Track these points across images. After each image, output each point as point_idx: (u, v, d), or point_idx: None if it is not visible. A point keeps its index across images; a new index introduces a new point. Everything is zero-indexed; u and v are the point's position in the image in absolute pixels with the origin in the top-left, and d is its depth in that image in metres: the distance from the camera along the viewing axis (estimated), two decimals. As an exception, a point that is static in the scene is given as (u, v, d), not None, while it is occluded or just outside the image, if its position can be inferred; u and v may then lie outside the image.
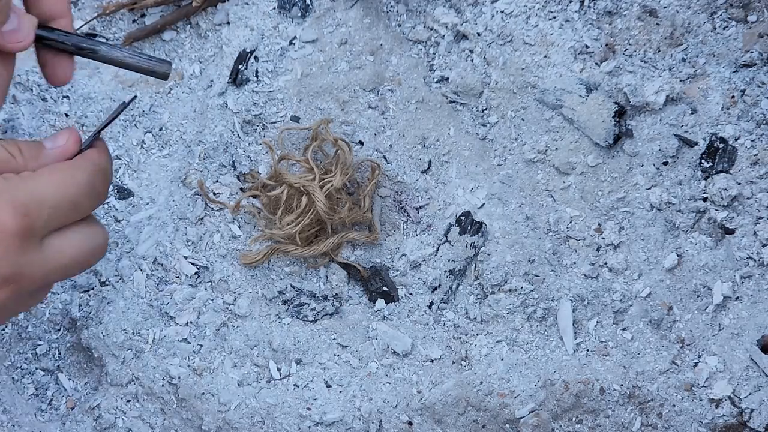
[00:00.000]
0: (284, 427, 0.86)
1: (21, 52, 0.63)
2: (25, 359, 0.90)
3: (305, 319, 0.89)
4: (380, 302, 0.89)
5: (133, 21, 0.94)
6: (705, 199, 0.88)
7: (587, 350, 0.88)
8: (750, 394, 0.86)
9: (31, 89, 0.92)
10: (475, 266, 0.89)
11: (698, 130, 0.89)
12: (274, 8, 0.92)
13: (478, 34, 0.91)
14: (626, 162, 0.89)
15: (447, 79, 0.91)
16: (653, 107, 0.89)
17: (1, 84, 0.63)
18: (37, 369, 0.90)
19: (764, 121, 0.88)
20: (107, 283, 0.90)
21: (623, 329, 0.88)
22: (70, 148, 0.63)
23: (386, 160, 0.90)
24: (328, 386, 0.87)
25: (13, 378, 0.90)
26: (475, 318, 0.88)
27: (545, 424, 0.86)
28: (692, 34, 0.90)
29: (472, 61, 0.91)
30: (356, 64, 0.91)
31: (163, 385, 0.88)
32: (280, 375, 0.88)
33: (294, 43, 0.92)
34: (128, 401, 0.88)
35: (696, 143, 0.89)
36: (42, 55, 0.65)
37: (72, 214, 0.61)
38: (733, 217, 0.88)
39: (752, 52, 0.89)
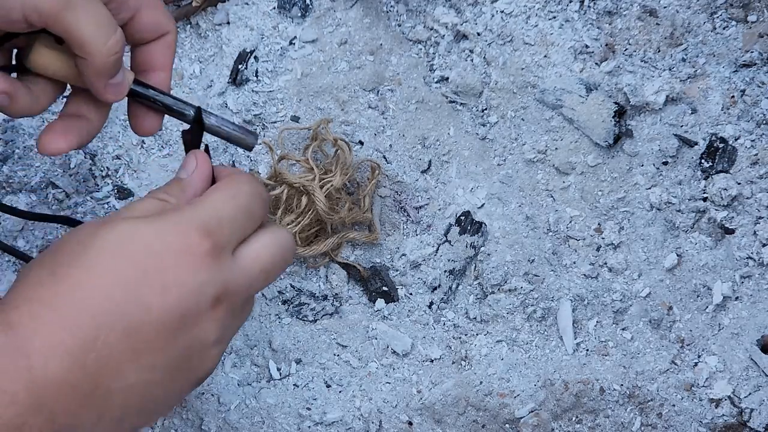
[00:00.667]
0: (284, 427, 0.86)
1: None
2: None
3: (305, 319, 0.89)
4: (380, 302, 0.89)
5: (133, 21, 0.94)
6: (705, 199, 0.88)
7: (587, 350, 0.88)
8: (750, 394, 0.86)
9: (31, 89, 0.92)
10: (475, 266, 0.89)
11: (698, 130, 0.89)
12: (274, 8, 0.92)
13: (478, 34, 0.91)
14: (626, 162, 0.89)
15: (447, 79, 0.91)
16: (653, 107, 0.89)
17: (94, 129, 0.65)
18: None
19: (764, 121, 0.88)
20: (107, 283, 0.90)
21: (623, 329, 0.88)
22: (203, 168, 0.65)
23: (386, 160, 0.90)
24: (328, 386, 0.87)
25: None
26: (475, 318, 0.88)
27: (545, 424, 0.86)
28: (692, 34, 0.90)
29: (472, 61, 0.91)
30: (356, 64, 0.91)
31: (163, 385, 0.88)
32: (280, 375, 0.88)
33: (294, 43, 0.92)
34: (128, 401, 0.88)
35: (696, 143, 0.89)
36: (132, 107, 0.67)
37: (249, 223, 0.62)
38: (733, 217, 0.88)
39: (752, 52, 0.89)
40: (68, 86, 0.65)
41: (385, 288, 0.89)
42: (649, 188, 0.89)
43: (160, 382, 0.58)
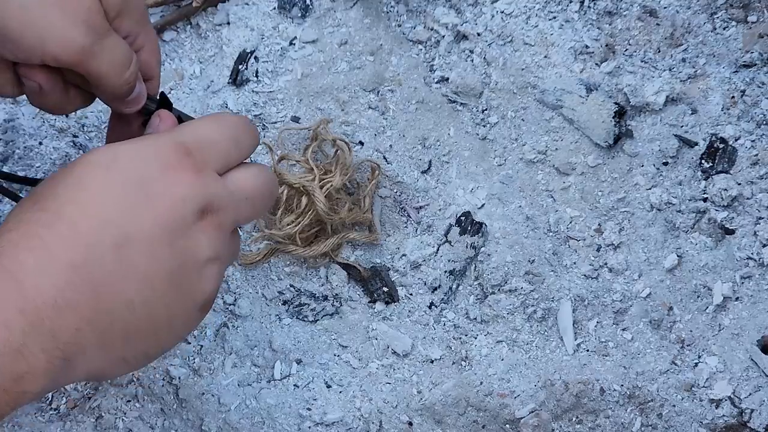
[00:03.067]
0: (284, 427, 0.86)
1: None
2: (26, 359, 0.90)
3: (305, 319, 0.89)
4: (380, 302, 0.89)
5: (134, 21, 0.94)
6: (705, 200, 0.88)
7: (587, 350, 0.88)
8: (750, 394, 0.86)
9: (32, 89, 0.92)
10: (475, 266, 0.89)
11: (698, 130, 0.89)
12: (274, 8, 0.92)
13: (478, 35, 0.91)
14: (626, 162, 0.89)
15: (447, 79, 0.91)
16: (653, 107, 0.89)
17: (85, 101, 0.68)
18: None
19: (764, 122, 0.88)
20: (107, 283, 0.90)
21: (623, 329, 0.88)
22: (167, 119, 0.68)
23: (386, 161, 0.90)
24: (328, 386, 0.87)
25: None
26: (475, 318, 0.88)
27: (545, 425, 0.86)
28: (692, 34, 0.90)
29: (472, 61, 0.91)
30: (356, 64, 0.91)
31: (163, 386, 0.88)
32: (280, 375, 0.88)
33: (294, 44, 0.92)
34: (128, 401, 0.88)
35: (696, 143, 0.89)
36: (113, 120, 0.71)
37: (234, 150, 0.64)
38: (733, 218, 0.88)
39: (752, 52, 0.89)
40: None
41: (385, 288, 0.89)
42: (650, 189, 0.89)
43: (160, 298, 0.58)
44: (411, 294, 0.89)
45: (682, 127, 0.89)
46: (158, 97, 0.70)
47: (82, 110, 0.92)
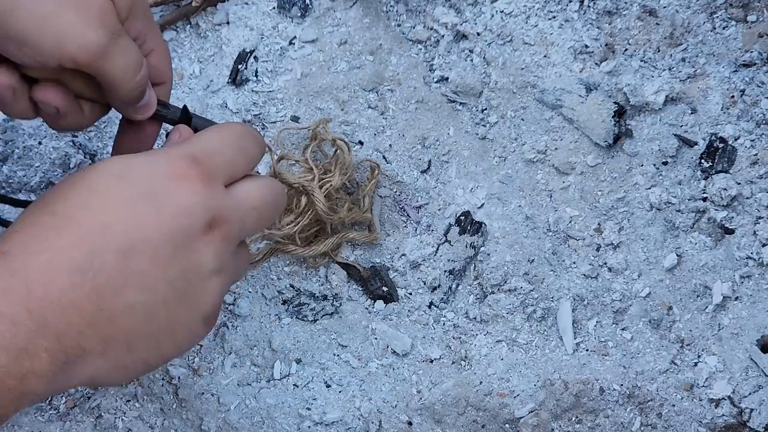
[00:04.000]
0: (284, 427, 0.86)
1: None
2: (25, 359, 0.91)
3: (305, 319, 0.89)
4: (380, 302, 0.89)
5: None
6: (705, 199, 0.88)
7: (587, 350, 0.88)
8: (750, 394, 0.86)
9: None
10: (475, 266, 0.89)
11: (698, 130, 0.89)
12: (274, 8, 0.92)
13: (478, 34, 0.91)
14: (626, 162, 0.89)
15: (447, 79, 0.91)
16: (653, 107, 0.89)
17: (98, 115, 0.68)
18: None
19: (764, 121, 0.88)
20: (107, 283, 0.90)
21: (623, 329, 0.88)
22: (185, 134, 0.68)
23: (386, 160, 0.90)
24: (328, 386, 0.87)
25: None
26: (475, 318, 0.88)
27: (545, 424, 0.86)
28: (692, 34, 0.90)
29: (471, 61, 0.91)
30: (356, 64, 0.91)
31: (162, 385, 0.88)
32: (280, 375, 0.88)
33: (294, 43, 0.92)
34: (128, 401, 0.88)
35: (696, 143, 0.89)
36: (124, 127, 0.71)
37: (241, 159, 0.65)
38: (732, 217, 0.88)
39: (752, 52, 0.89)
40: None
41: (384, 288, 0.89)
42: (649, 188, 0.89)
43: (162, 306, 0.59)
44: (410, 294, 0.89)
45: (681, 126, 0.89)
46: (180, 110, 0.71)
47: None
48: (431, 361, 0.88)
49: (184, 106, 0.71)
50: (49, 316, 0.55)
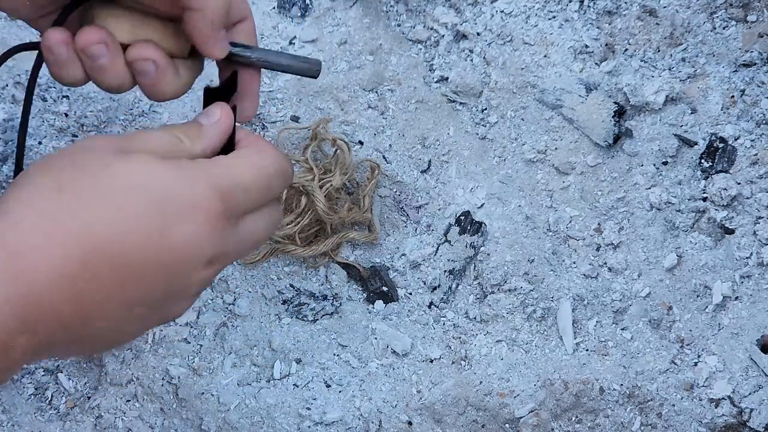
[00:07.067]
0: (284, 426, 0.86)
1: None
2: (25, 359, 0.90)
3: (305, 318, 0.89)
4: (380, 302, 0.89)
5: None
6: (705, 199, 0.88)
7: (587, 350, 0.88)
8: (750, 393, 0.86)
9: (31, 89, 0.92)
10: (475, 266, 0.89)
11: (698, 129, 0.89)
12: (274, 8, 0.92)
13: (478, 34, 0.91)
14: (626, 162, 0.89)
15: (447, 78, 0.91)
16: (653, 107, 0.89)
17: (191, 78, 0.66)
18: (36, 368, 0.90)
19: (764, 121, 0.88)
20: (107, 282, 0.90)
21: (623, 329, 0.88)
22: (226, 121, 0.65)
23: (386, 160, 0.90)
24: (328, 386, 0.87)
25: (12, 378, 0.90)
26: (475, 318, 0.88)
27: (545, 424, 0.86)
28: (692, 33, 0.90)
29: (471, 60, 0.91)
30: (356, 63, 0.91)
31: (162, 385, 0.88)
32: (280, 375, 0.88)
33: (294, 43, 0.92)
34: (128, 401, 0.88)
35: (696, 143, 0.89)
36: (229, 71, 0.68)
37: (263, 199, 0.63)
38: (732, 217, 0.88)
39: (752, 51, 0.89)
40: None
41: (384, 288, 0.89)
42: (649, 188, 0.89)
43: (135, 320, 0.59)
44: (410, 293, 0.89)
45: (681, 126, 0.89)
46: (227, 77, 0.68)
47: (80, 109, 0.92)
48: (431, 361, 0.88)
49: (233, 73, 0.67)
50: (31, 316, 0.54)
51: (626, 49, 0.90)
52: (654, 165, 0.89)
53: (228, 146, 0.64)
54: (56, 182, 0.57)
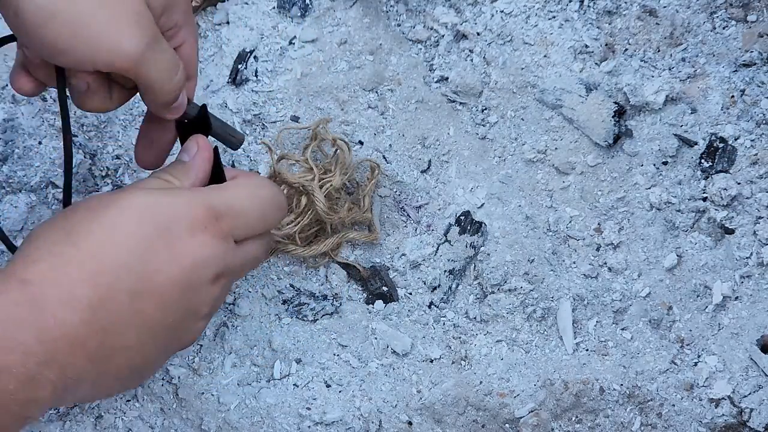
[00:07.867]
0: (284, 427, 0.86)
1: None
2: (25, 359, 0.90)
3: (305, 318, 0.89)
4: (380, 302, 0.89)
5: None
6: (705, 199, 0.88)
7: (587, 350, 0.88)
8: (750, 393, 0.86)
9: (31, 89, 0.92)
10: (475, 266, 0.89)
11: (698, 129, 0.89)
12: (274, 8, 0.92)
13: (478, 34, 0.91)
14: (626, 162, 0.89)
15: (447, 78, 0.91)
16: (653, 107, 0.89)
17: (124, 100, 0.69)
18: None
19: (764, 121, 0.88)
20: (107, 282, 0.90)
21: (623, 329, 0.88)
22: (205, 152, 0.70)
23: (386, 160, 0.90)
24: (328, 386, 0.87)
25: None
26: (475, 318, 0.88)
27: (545, 424, 0.86)
28: (692, 33, 0.90)
29: (471, 60, 0.91)
30: (356, 63, 0.91)
31: (162, 385, 0.88)
32: (280, 375, 0.88)
33: (293, 43, 0.92)
34: (128, 401, 0.88)
35: (696, 143, 0.89)
36: (148, 123, 0.73)
37: (259, 226, 0.69)
38: (732, 217, 0.88)
39: (752, 51, 0.89)
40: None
41: (384, 288, 0.89)
42: (649, 188, 0.89)
43: (155, 345, 0.62)
44: (410, 293, 0.89)
45: (681, 126, 0.89)
46: (200, 109, 0.71)
47: (80, 109, 0.92)
48: (431, 361, 0.88)
49: (204, 106, 0.71)
50: (58, 349, 0.57)
51: (626, 49, 0.90)
52: (654, 165, 0.89)
53: (216, 179, 0.69)
54: (65, 229, 0.61)
